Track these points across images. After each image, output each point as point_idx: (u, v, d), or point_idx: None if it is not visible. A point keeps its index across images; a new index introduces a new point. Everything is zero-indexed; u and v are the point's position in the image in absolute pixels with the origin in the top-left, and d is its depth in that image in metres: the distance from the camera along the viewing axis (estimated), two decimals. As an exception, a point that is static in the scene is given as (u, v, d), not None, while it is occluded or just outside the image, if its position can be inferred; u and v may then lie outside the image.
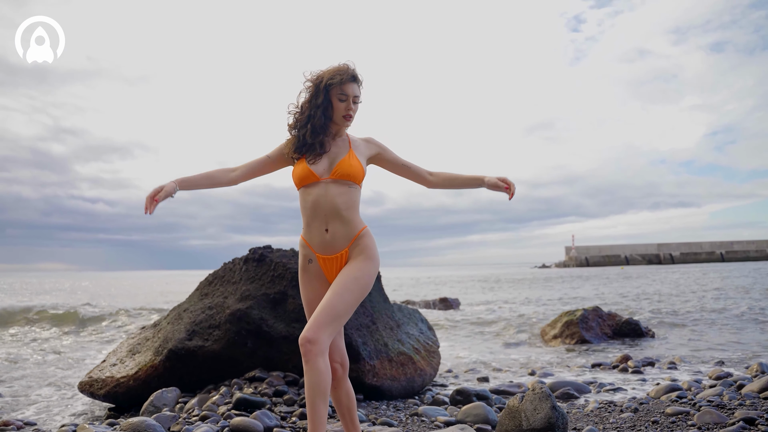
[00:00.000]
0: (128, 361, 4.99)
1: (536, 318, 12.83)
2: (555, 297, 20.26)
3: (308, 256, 2.55)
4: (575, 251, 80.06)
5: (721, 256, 74.80)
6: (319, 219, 2.49)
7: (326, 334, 2.26)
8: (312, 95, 2.52)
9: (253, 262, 5.02)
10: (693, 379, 5.30)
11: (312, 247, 2.53)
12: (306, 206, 2.52)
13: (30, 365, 7.44)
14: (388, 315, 5.45)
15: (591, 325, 10.12)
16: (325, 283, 2.54)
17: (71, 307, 14.71)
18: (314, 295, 2.55)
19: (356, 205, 2.55)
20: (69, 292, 28.83)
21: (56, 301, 17.74)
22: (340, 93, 2.51)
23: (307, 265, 2.56)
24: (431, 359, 5.55)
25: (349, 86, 2.53)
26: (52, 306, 14.99)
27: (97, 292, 29.97)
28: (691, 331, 10.14)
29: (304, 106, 2.55)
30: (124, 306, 15.68)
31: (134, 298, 22.24)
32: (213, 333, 4.68)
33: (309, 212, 2.51)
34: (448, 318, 13.24)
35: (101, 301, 19.26)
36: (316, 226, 2.50)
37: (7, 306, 14.38)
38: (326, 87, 2.50)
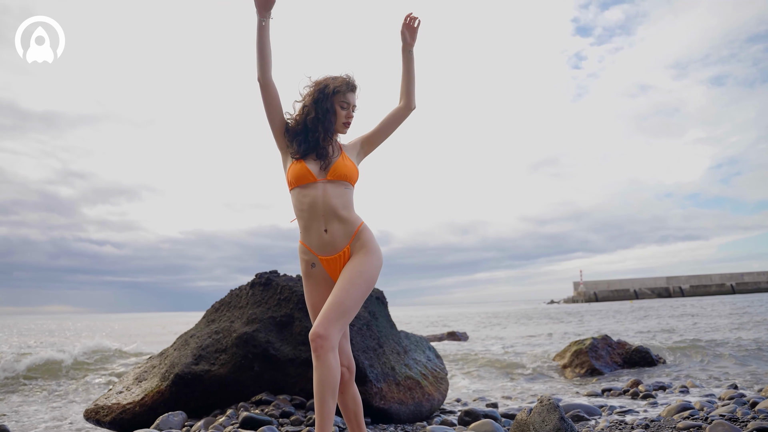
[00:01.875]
0: (135, 388, 4.97)
1: (545, 348, 12.70)
2: (563, 330, 20.07)
3: (310, 260, 2.56)
4: (583, 286, 79.52)
5: (732, 288, 74.06)
6: (317, 220, 2.51)
7: (336, 329, 2.28)
8: (318, 99, 2.58)
9: (260, 286, 5.03)
10: (705, 400, 5.23)
11: (312, 249, 2.55)
12: (302, 208, 2.54)
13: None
14: (395, 340, 5.42)
15: (600, 353, 10.00)
16: (330, 285, 2.55)
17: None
18: (321, 299, 2.56)
19: (352, 204, 2.59)
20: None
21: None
22: (342, 100, 2.60)
23: (311, 270, 2.57)
24: (439, 385, 5.50)
25: (351, 95, 2.64)
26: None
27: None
28: (703, 360, 10.01)
29: (311, 109, 2.59)
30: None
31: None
32: (220, 357, 4.67)
33: (306, 214, 2.53)
34: (455, 349, 13.12)
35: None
36: (315, 227, 2.52)
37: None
38: (332, 93, 2.57)
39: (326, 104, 2.57)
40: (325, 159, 2.55)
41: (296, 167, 2.55)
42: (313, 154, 2.55)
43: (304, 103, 2.63)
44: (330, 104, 2.58)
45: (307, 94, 2.64)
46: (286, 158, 2.65)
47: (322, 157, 2.55)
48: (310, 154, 2.56)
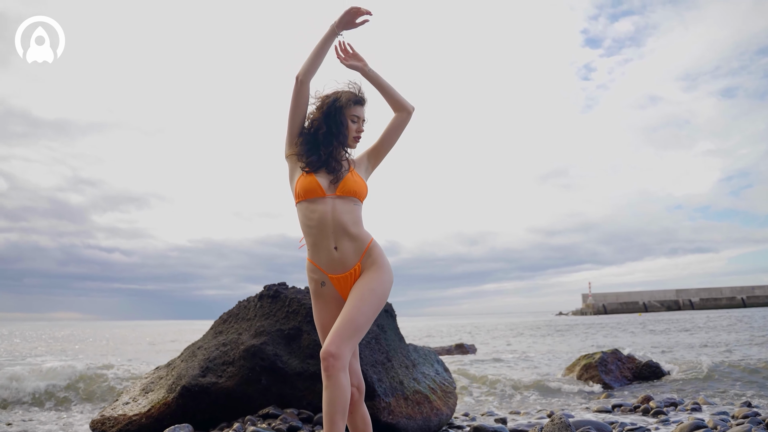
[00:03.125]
0: (141, 399, 4.95)
1: (554, 362, 12.60)
2: (572, 343, 19.94)
3: (320, 279, 2.51)
4: (592, 299, 79.07)
5: (743, 301, 73.43)
6: (326, 237, 2.46)
7: (348, 348, 2.23)
8: (328, 113, 2.54)
9: (268, 298, 5.01)
10: (719, 418, 5.14)
11: (322, 267, 2.49)
12: (311, 224, 2.48)
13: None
14: (403, 354, 5.38)
15: (610, 368, 9.91)
16: (341, 304, 2.49)
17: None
18: (331, 319, 2.49)
19: (361, 220, 2.54)
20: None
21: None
22: (353, 114, 2.56)
23: (320, 289, 2.51)
24: (448, 400, 5.45)
25: (361, 109, 2.61)
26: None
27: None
28: (715, 376, 9.89)
29: (321, 123, 2.55)
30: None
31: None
32: (227, 369, 4.64)
33: (315, 231, 2.47)
34: (463, 361, 13.04)
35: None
36: (325, 245, 2.46)
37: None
38: (343, 107, 2.54)
39: (338, 118, 2.53)
40: (335, 174, 2.50)
41: (306, 180, 2.49)
42: (324, 168, 2.50)
43: (314, 117, 2.59)
44: (341, 118, 2.54)
45: (316, 107, 2.59)
46: (294, 169, 2.58)
47: (333, 171, 2.50)
48: (321, 169, 2.50)
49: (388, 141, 2.74)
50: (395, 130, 2.73)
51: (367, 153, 2.74)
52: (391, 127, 2.73)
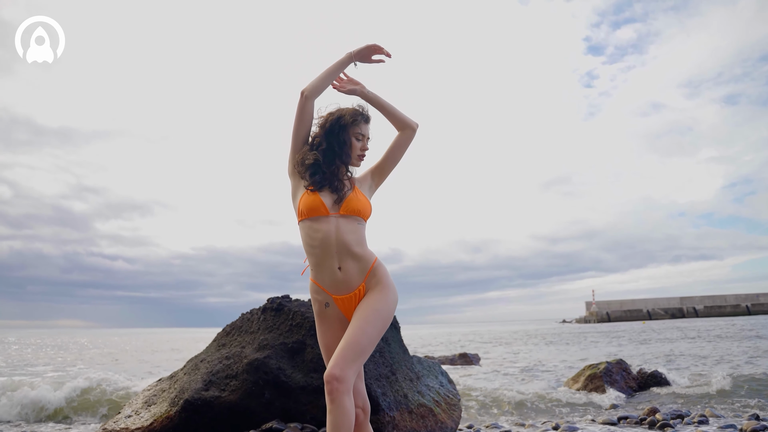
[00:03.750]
0: (144, 412, 4.91)
1: (558, 372, 12.53)
2: (576, 352, 19.86)
3: (324, 300, 2.46)
4: (596, 306, 78.78)
5: (747, 308, 73.06)
6: (329, 257, 2.42)
7: (352, 370, 2.18)
8: (331, 131, 2.51)
9: (271, 311, 4.98)
10: (726, 432, 5.09)
11: (326, 288, 2.45)
12: (313, 244, 2.44)
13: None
14: (407, 367, 5.34)
15: (615, 378, 9.85)
16: (345, 325, 2.45)
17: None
18: (335, 341, 2.44)
19: (365, 240, 2.50)
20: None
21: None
22: (357, 132, 2.53)
23: (325, 310, 2.47)
24: (452, 412, 5.40)
25: (366, 126, 2.57)
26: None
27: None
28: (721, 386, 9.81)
29: (322, 140, 2.52)
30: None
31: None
32: (230, 383, 4.60)
33: (318, 251, 2.43)
34: (467, 373, 12.98)
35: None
36: (328, 265, 2.42)
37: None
38: (347, 125, 2.51)
39: (342, 136, 2.50)
40: (339, 193, 2.47)
41: (309, 198, 2.45)
42: (328, 187, 2.47)
43: (317, 135, 2.56)
44: (345, 136, 2.51)
45: (319, 125, 2.56)
46: (298, 186, 2.55)
47: (337, 190, 2.47)
48: (325, 187, 2.47)
49: (393, 159, 2.70)
50: (400, 147, 2.69)
51: (371, 171, 2.71)
52: (395, 145, 2.69)
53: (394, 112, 2.66)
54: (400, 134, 2.69)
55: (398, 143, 2.69)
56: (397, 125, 2.68)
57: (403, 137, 2.68)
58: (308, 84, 2.55)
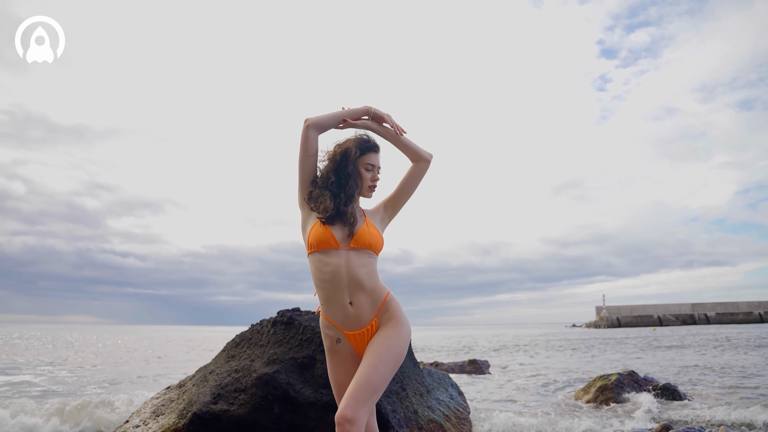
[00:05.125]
0: (151, 423, 4.88)
1: (568, 382, 12.43)
2: (587, 361, 19.73)
3: (335, 336, 2.40)
4: (606, 311, 78.29)
5: (760, 316, 72.36)
6: (340, 292, 2.35)
7: (364, 411, 2.12)
8: (340, 164, 2.45)
9: (281, 325, 4.94)
10: (741, 455, 5.00)
11: (337, 324, 2.38)
12: (323, 278, 2.37)
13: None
14: (418, 380, 5.29)
15: (627, 390, 9.76)
16: (357, 361, 2.39)
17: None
18: (347, 377, 2.39)
19: (377, 273, 2.43)
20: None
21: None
22: (367, 163, 2.47)
23: (336, 346, 2.41)
24: (462, 426, 5.35)
25: (375, 156, 2.51)
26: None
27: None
28: (733, 400, 9.69)
29: (331, 174, 2.46)
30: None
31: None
32: (239, 397, 4.57)
33: (328, 284, 2.36)
34: (477, 382, 12.91)
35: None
36: (338, 299, 2.35)
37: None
38: (356, 156, 2.45)
39: (349, 168, 2.44)
40: (350, 225, 2.41)
41: (320, 231, 2.39)
42: (339, 219, 2.40)
43: (326, 167, 2.50)
44: (354, 168, 2.46)
45: (328, 157, 2.51)
46: (308, 218, 2.49)
47: (348, 223, 2.40)
48: (336, 220, 2.40)
49: (406, 191, 2.63)
50: (414, 179, 2.62)
51: (384, 203, 2.65)
52: (409, 177, 2.62)
53: (407, 143, 2.60)
54: (413, 166, 2.62)
55: (412, 175, 2.62)
56: (411, 157, 2.62)
57: (416, 169, 2.61)
58: (314, 115, 2.49)
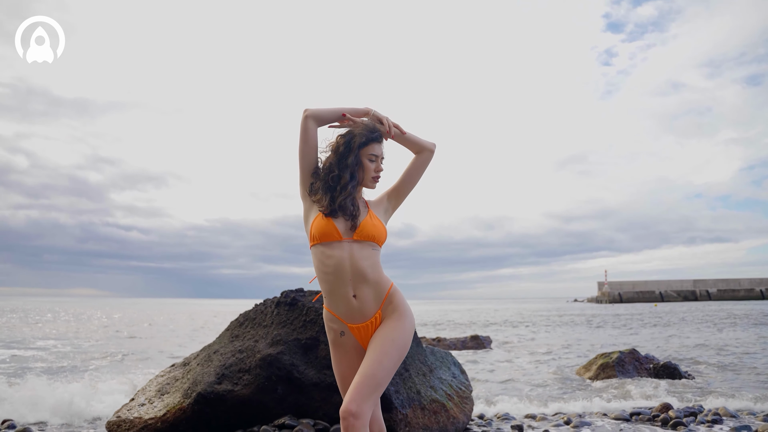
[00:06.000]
0: (157, 401, 4.94)
1: (570, 360, 12.52)
2: (588, 338, 19.84)
3: (339, 329, 2.39)
4: (608, 286, 78.57)
5: (761, 293, 72.62)
6: (343, 284, 2.34)
7: (369, 405, 2.12)
8: (342, 155, 2.41)
9: (285, 306, 4.96)
10: (741, 436, 5.05)
11: (340, 317, 2.37)
12: (327, 271, 2.35)
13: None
14: (420, 360, 5.32)
15: (627, 368, 9.83)
16: (361, 354, 2.39)
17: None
18: (351, 370, 2.39)
19: (380, 265, 2.41)
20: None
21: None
22: (370, 153, 2.43)
23: (340, 339, 2.40)
24: (464, 406, 5.40)
25: (378, 146, 2.46)
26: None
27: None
28: (735, 379, 9.76)
29: (334, 165, 2.42)
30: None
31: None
32: (243, 377, 4.61)
33: (331, 277, 2.35)
34: (479, 360, 13.02)
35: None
36: (342, 292, 2.34)
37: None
38: (358, 147, 2.41)
39: (351, 159, 2.40)
40: (353, 217, 2.38)
41: (322, 223, 2.36)
42: (341, 212, 2.38)
43: (328, 158, 2.46)
44: (356, 158, 2.42)
45: (331, 149, 2.47)
46: (310, 210, 2.47)
47: (351, 215, 2.38)
48: (339, 212, 2.38)
49: (410, 181, 2.61)
50: (418, 169, 2.60)
51: (387, 194, 2.62)
52: (412, 167, 2.60)
53: (409, 138, 2.57)
54: (417, 156, 2.60)
55: (415, 165, 2.60)
56: (414, 149, 2.60)
57: (420, 159, 2.59)
58: (314, 107, 2.47)
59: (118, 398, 6.17)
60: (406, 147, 2.58)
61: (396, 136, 2.54)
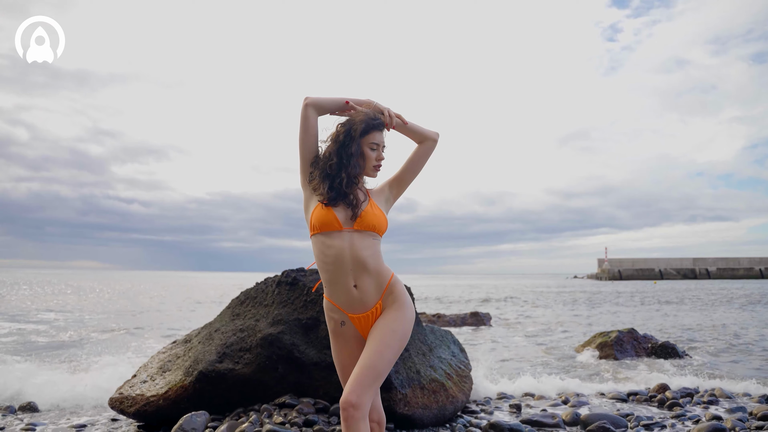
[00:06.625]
0: (158, 378, 4.98)
1: (568, 338, 12.60)
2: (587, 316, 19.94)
3: (340, 319, 2.39)
4: (608, 263, 78.76)
5: (761, 272, 72.82)
6: (344, 275, 2.33)
7: (368, 396, 2.13)
8: (342, 143, 2.38)
9: (286, 285, 4.97)
10: (737, 418, 5.09)
11: (341, 307, 2.37)
12: (327, 260, 2.34)
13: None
14: (420, 339, 5.35)
15: (626, 347, 9.90)
16: (361, 343, 2.39)
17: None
18: (351, 359, 2.40)
19: (381, 255, 2.41)
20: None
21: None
22: (371, 142, 2.40)
23: (340, 329, 2.40)
24: (463, 385, 5.44)
25: (379, 135, 2.43)
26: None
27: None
28: (732, 358, 9.83)
29: (333, 154, 2.39)
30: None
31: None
32: (244, 356, 4.64)
33: (332, 267, 2.34)
34: (479, 338, 13.10)
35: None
36: (343, 282, 2.34)
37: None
38: (359, 135, 2.38)
39: (352, 148, 2.37)
40: (354, 207, 2.36)
41: (322, 212, 2.35)
42: (342, 201, 2.36)
43: (329, 147, 2.43)
44: (357, 147, 2.38)
45: (332, 138, 2.43)
46: (311, 199, 2.45)
47: (352, 205, 2.36)
48: (339, 201, 2.36)
49: (413, 170, 2.58)
50: (421, 159, 2.58)
51: (389, 183, 2.59)
52: (415, 156, 2.57)
53: (412, 127, 2.55)
54: (419, 146, 2.57)
55: (418, 154, 2.57)
56: (417, 139, 2.57)
57: (423, 148, 2.57)
58: (315, 95, 2.44)
59: (121, 373, 6.21)
60: (408, 137, 2.56)
61: (398, 126, 2.51)
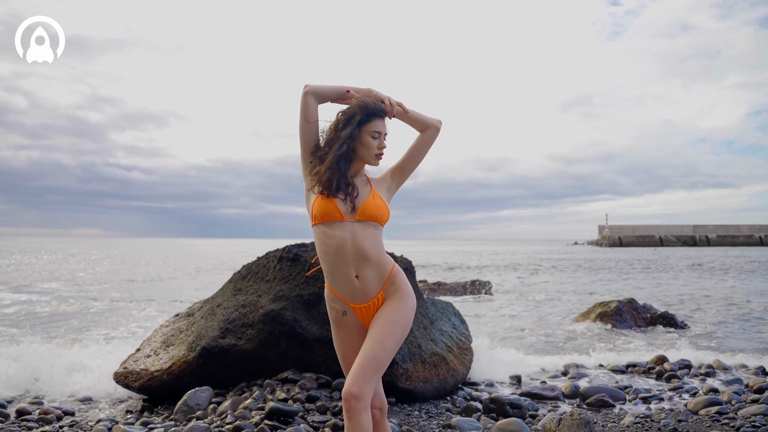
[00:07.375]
0: (162, 353, 5.03)
1: (568, 308, 12.68)
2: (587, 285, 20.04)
3: (341, 309, 2.38)
4: (608, 230, 78.89)
5: (761, 239, 72.96)
6: (345, 265, 2.31)
7: (370, 387, 2.14)
8: (346, 132, 2.34)
9: (288, 261, 4.99)
10: (733, 391, 5.15)
11: (342, 297, 2.36)
12: (328, 251, 2.32)
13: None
14: (422, 312, 5.39)
15: (625, 317, 9.99)
16: (363, 332, 2.39)
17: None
18: (353, 349, 2.39)
19: (382, 245, 2.39)
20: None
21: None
22: (372, 130, 2.36)
23: (342, 319, 2.39)
24: (464, 357, 5.49)
25: (381, 122, 2.39)
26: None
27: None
28: (730, 328, 9.91)
29: (336, 142, 2.35)
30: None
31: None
32: (246, 332, 4.68)
33: (333, 257, 2.32)
34: (479, 305, 13.19)
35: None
36: (344, 273, 2.32)
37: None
38: (359, 123, 2.34)
39: (356, 136, 2.34)
40: (355, 197, 2.34)
41: (323, 203, 2.32)
42: (343, 191, 2.33)
43: (330, 136, 2.38)
44: (360, 135, 2.35)
45: (332, 125, 2.39)
46: (311, 188, 2.41)
47: (353, 194, 2.33)
48: (341, 191, 2.33)
49: (415, 159, 2.55)
50: (423, 146, 2.54)
51: (391, 171, 2.55)
52: (418, 144, 2.53)
53: (413, 116, 2.50)
54: (422, 134, 2.53)
55: (421, 142, 2.53)
56: (420, 128, 2.53)
57: (425, 136, 2.53)
58: (315, 83, 2.40)
59: (124, 348, 6.27)
60: (410, 125, 2.52)
61: (399, 114, 2.48)
